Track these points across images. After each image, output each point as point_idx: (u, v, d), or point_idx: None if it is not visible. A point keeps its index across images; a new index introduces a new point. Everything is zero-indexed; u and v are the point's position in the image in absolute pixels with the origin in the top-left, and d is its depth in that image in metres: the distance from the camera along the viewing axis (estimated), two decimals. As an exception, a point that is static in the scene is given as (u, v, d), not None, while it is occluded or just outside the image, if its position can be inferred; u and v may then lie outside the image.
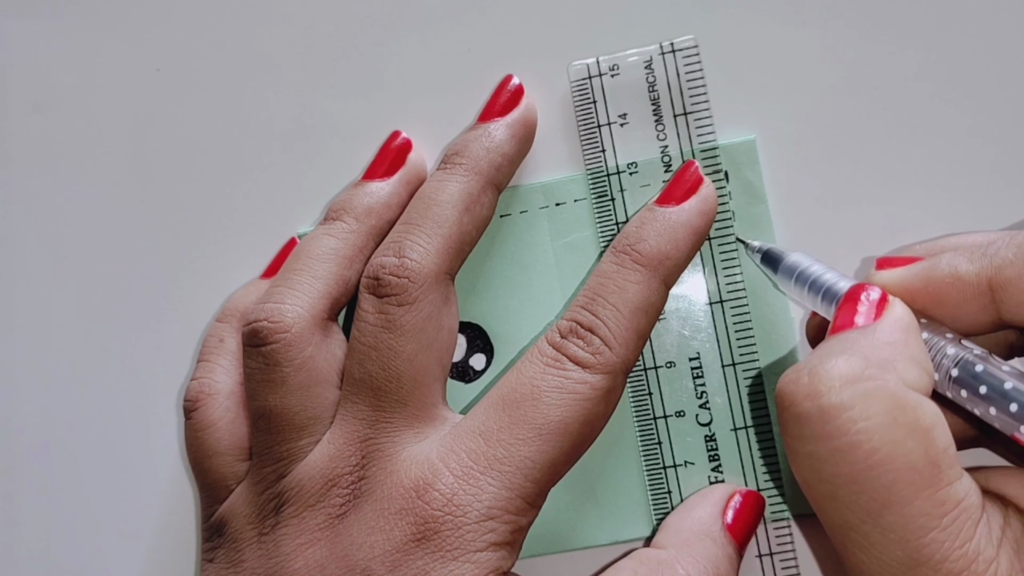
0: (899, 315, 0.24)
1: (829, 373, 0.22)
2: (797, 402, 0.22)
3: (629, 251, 0.28)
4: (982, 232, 0.26)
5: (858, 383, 0.22)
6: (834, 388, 0.22)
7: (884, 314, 0.24)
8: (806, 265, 0.27)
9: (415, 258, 0.28)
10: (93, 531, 0.33)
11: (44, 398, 0.33)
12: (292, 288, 0.29)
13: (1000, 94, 0.29)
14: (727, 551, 0.27)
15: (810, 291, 0.27)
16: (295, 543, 0.26)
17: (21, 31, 0.34)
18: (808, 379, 0.22)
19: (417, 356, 0.27)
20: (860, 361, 0.22)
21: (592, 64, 0.30)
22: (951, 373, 0.23)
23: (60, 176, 0.34)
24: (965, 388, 0.23)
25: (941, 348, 0.24)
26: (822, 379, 0.22)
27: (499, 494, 0.25)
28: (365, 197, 0.30)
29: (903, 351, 0.23)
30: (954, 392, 0.23)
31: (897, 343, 0.23)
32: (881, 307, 0.24)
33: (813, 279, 0.27)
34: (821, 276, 0.26)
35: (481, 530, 0.25)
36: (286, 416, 0.28)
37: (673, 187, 0.29)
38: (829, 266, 0.27)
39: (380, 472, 0.26)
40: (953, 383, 0.23)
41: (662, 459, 0.29)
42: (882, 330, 0.23)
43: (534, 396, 0.26)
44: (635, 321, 0.27)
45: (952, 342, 0.24)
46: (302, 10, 0.33)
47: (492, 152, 0.29)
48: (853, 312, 0.24)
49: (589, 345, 0.27)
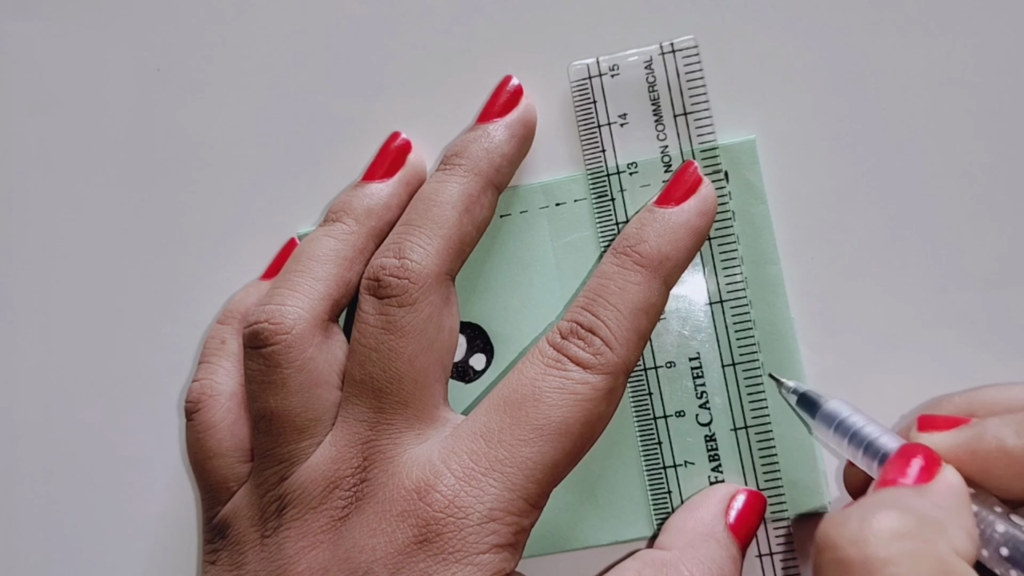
0: (952, 481, 0.23)
1: (880, 524, 0.21)
2: (841, 547, 0.21)
3: (629, 252, 0.28)
4: (1020, 384, 0.26)
5: (907, 540, 0.21)
6: (883, 540, 0.21)
7: (937, 477, 0.23)
8: (846, 415, 0.27)
9: (415, 259, 0.28)
10: (94, 532, 0.33)
11: (44, 399, 0.33)
12: (293, 290, 0.29)
13: (1000, 94, 0.29)
14: (731, 551, 0.27)
15: (851, 443, 0.26)
16: (297, 546, 0.26)
17: (21, 31, 0.34)
18: (857, 526, 0.21)
19: (418, 357, 0.27)
20: (913, 519, 0.22)
21: (592, 64, 0.30)
22: (1001, 551, 0.23)
23: (60, 176, 0.33)
24: (1017, 568, 0.23)
25: (991, 523, 0.23)
26: (872, 529, 0.21)
27: (501, 495, 0.25)
28: (365, 198, 0.30)
29: (955, 518, 0.22)
30: (1003, 570, 0.23)
31: (949, 509, 0.22)
32: (933, 469, 0.24)
33: (855, 431, 0.26)
34: (863, 429, 0.26)
35: (483, 532, 0.25)
36: (287, 418, 0.28)
37: (672, 188, 0.29)
38: (870, 417, 0.27)
39: (382, 474, 0.26)
40: (1004, 561, 0.23)
41: (662, 459, 0.29)
42: (935, 493, 0.23)
43: (535, 397, 0.26)
44: (636, 322, 0.27)
45: (1001, 517, 0.23)
46: (302, 10, 0.32)
47: (491, 152, 0.29)
48: (904, 468, 0.24)
49: (590, 346, 0.27)
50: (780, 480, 0.29)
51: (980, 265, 0.29)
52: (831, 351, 0.29)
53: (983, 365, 0.29)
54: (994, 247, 0.29)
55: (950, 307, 0.29)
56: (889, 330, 0.29)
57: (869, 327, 0.29)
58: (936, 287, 0.29)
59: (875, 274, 0.30)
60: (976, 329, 0.29)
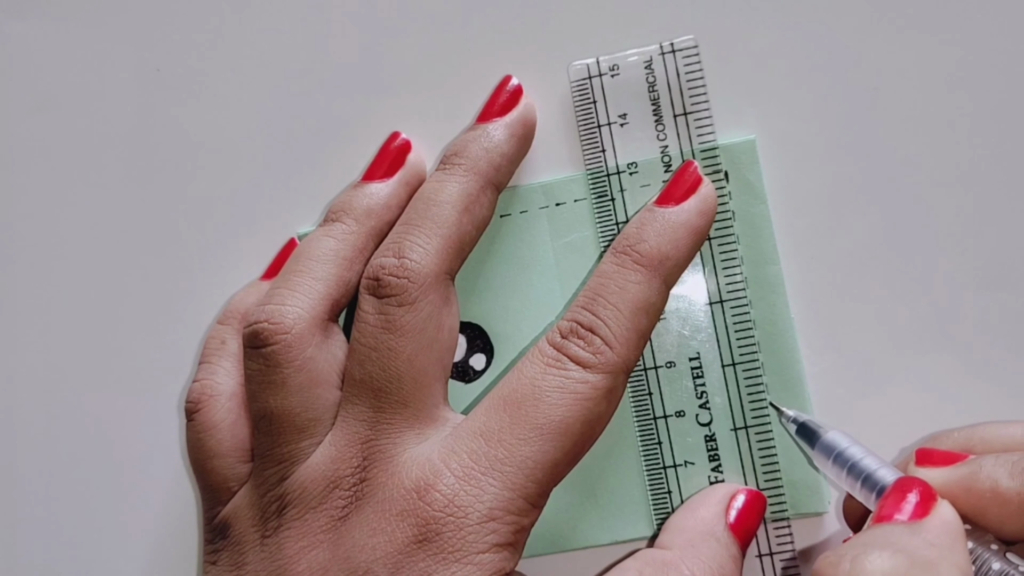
0: (947, 518, 0.23)
1: (872, 566, 0.21)
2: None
3: (629, 251, 0.28)
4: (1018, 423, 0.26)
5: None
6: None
7: (932, 514, 0.23)
8: (845, 446, 0.26)
9: (415, 259, 0.28)
10: (94, 532, 0.33)
11: (45, 399, 0.33)
12: (292, 290, 0.29)
13: (1000, 94, 0.29)
14: (731, 551, 0.27)
15: (849, 475, 0.26)
16: (298, 546, 0.26)
17: (21, 31, 0.34)
18: (849, 567, 0.21)
19: (417, 356, 0.27)
20: (904, 560, 0.21)
21: (592, 64, 0.30)
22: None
23: (60, 176, 0.33)
24: None
25: (986, 560, 0.23)
26: (864, 569, 0.21)
27: (500, 495, 0.25)
28: (364, 198, 0.30)
29: (948, 556, 0.22)
30: None
31: (943, 547, 0.22)
32: (928, 505, 0.23)
33: (853, 463, 0.26)
34: (861, 461, 0.26)
35: (483, 531, 0.25)
36: (287, 417, 0.28)
37: (672, 187, 0.29)
38: (868, 449, 0.26)
39: (381, 473, 0.26)
40: None
41: (662, 459, 0.29)
42: (929, 530, 0.23)
43: (535, 396, 0.26)
44: (636, 321, 0.27)
45: (997, 555, 0.23)
46: (302, 10, 0.32)
47: (491, 152, 0.29)
48: (900, 504, 0.23)
49: (590, 345, 0.27)
50: (780, 480, 0.29)
51: (980, 265, 0.29)
52: (831, 351, 0.29)
53: (983, 365, 0.29)
54: (994, 247, 0.29)
55: (950, 307, 0.29)
56: (889, 330, 0.29)
57: (869, 327, 0.29)
58: (936, 287, 0.29)
59: (875, 274, 0.30)
60: (976, 329, 0.29)
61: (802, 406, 0.29)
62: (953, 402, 0.29)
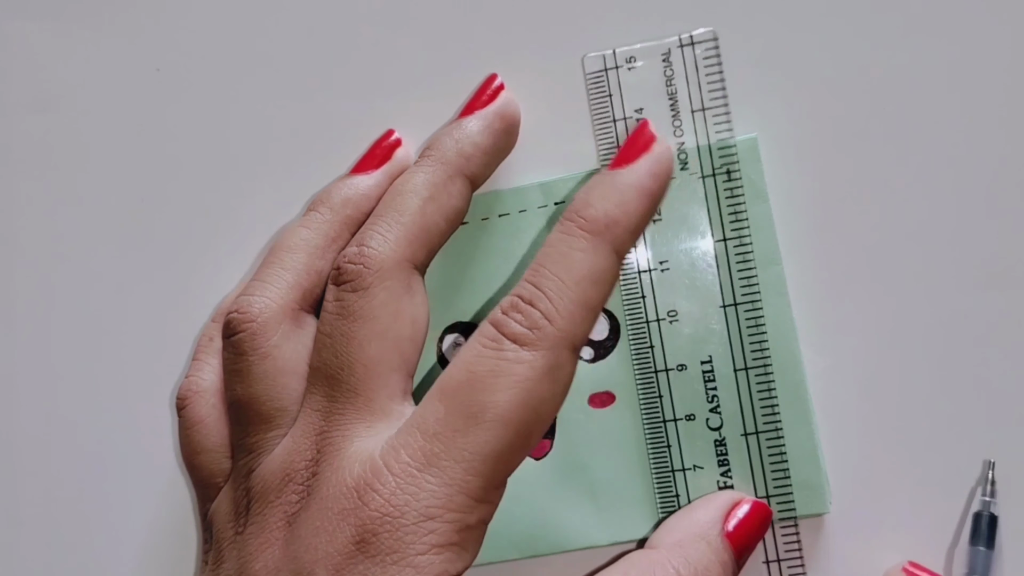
0: None
1: None
2: None
3: (575, 218, 0.26)
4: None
5: None
6: None
7: None
8: None
9: (373, 245, 0.27)
10: (93, 532, 0.33)
11: (43, 397, 0.33)
12: (263, 280, 0.29)
13: (1000, 94, 0.29)
14: (722, 556, 0.26)
15: None
16: (257, 543, 0.26)
17: (21, 31, 0.34)
18: None
19: (370, 343, 0.26)
20: None
21: (609, 55, 0.30)
22: None
23: (60, 176, 0.34)
24: None
25: None
26: None
27: (437, 492, 0.24)
28: (344, 188, 0.30)
29: None
30: None
31: None
32: None
33: None
34: None
35: (420, 531, 0.24)
36: (253, 406, 0.27)
37: (626, 149, 0.27)
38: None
39: (328, 468, 0.25)
40: None
41: (671, 463, 0.29)
42: None
43: (469, 383, 0.24)
44: (581, 292, 0.25)
45: None
46: (302, 10, 0.32)
47: (460, 142, 0.29)
48: None
49: (528, 319, 0.25)
50: (790, 487, 0.29)
51: (980, 265, 0.29)
52: (831, 351, 0.29)
53: (983, 365, 0.29)
54: (994, 247, 0.29)
55: (950, 307, 0.29)
56: (889, 330, 0.29)
57: (869, 327, 0.29)
58: (936, 287, 0.29)
59: (876, 274, 0.29)
60: (976, 329, 0.29)
61: (803, 407, 0.29)
62: (954, 402, 0.29)
